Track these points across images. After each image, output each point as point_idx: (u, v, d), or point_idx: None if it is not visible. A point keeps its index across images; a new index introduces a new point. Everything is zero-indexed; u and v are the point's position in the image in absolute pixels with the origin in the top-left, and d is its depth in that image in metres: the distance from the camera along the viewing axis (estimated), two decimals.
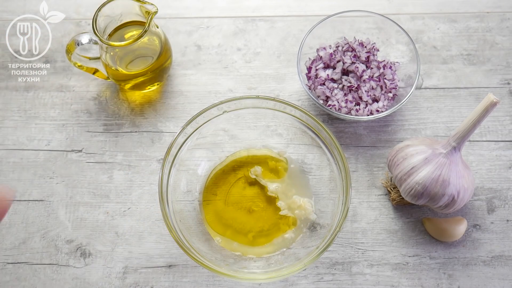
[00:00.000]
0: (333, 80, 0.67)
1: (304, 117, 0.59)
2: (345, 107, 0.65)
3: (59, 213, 0.64)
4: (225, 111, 0.60)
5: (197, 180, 0.64)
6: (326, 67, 0.68)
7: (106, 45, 0.63)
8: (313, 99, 0.64)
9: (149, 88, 0.70)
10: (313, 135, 0.60)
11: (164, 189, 0.56)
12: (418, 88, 0.70)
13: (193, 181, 0.64)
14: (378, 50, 0.69)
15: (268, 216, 0.62)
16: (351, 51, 0.68)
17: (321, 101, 0.66)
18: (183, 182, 0.62)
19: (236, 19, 0.77)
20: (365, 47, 0.68)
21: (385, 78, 0.67)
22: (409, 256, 0.60)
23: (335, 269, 0.60)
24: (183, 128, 0.58)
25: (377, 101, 0.66)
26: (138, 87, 0.69)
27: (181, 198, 0.62)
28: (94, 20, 0.62)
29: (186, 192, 0.62)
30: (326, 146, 0.59)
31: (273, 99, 0.59)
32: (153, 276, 0.60)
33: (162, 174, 0.56)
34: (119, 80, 0.68)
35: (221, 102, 0.59)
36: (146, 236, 0.62)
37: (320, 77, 0.66)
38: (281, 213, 0.61)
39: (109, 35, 0.67)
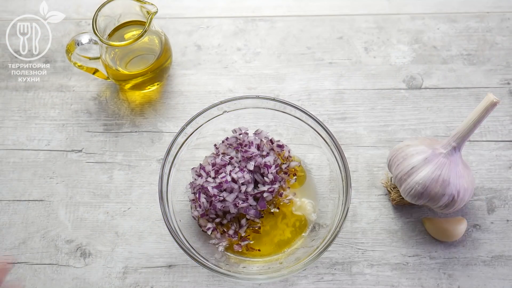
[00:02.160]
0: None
1: (304, 117, 0.59)
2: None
3: (59, 213, 0.64)
4: (225, 111, 0.60)
5: None
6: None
7: (106, 45, 0.63)
8: None
9: (149, 88, 0.70)
10: (314, 135, 0.60)
11: (164, 189, 0.56)
12: (418, 88, 0.70)
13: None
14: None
15: (267, 215, 0.61)
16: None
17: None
18: (183, 182, 0.62)
19: (236, 19, 0.77)
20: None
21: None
22: (409, 256, 0.60)
23: (335, 269, 0.60)
24: (183, 128, 0.58)
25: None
26: (138, 87, 0.69)
27: (181, 198, 0.62)
28: (94, 20, 0.62)
29: (186, 192, 0.62)
30: (327, 146, 0.59)
31: (273, 99, 0.59)
32: (153, 276, 0.60)
33: (162, 174, 0.56)
34: (119, 80, 0.68)
35: (221, 102, 0.59)
36: (146, 236, 0.62)
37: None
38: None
39: (109, 35, 0.67)
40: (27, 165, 0.67)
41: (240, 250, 0.58)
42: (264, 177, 0.59)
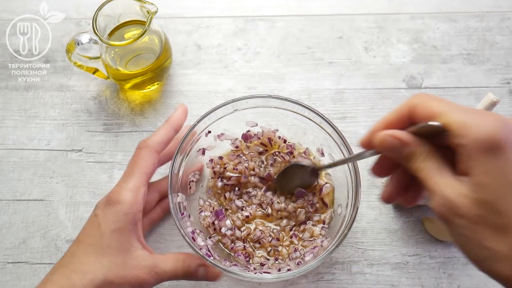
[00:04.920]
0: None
1: (312, 116, 0.59)
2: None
3: (59, 212, 0.64)
4: (236, 110, 0.60)
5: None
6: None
7: (106, 45, 0.63)
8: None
9: (149, 88, 0.70)
10: (318, 135, 0.60)
11: (174, 187, 0.56)
12: (418, 87, 0.71)
13: None
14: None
15: None
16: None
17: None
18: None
19: (236, 18, 0.77)
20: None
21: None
22: (409, 256, 0.60)
23: (335, 268, 0.60)
24: (194, 125, 0.58)
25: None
26: (138, 86, 0.69)
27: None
28: (94, 19, 0.62)
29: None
30: (337, 146, 0.58)
31: (285, 99, 0.59)
32: None
33: (172, 169, 0.56)
34: (119, 80, 0.68)
35: (233, 100, 0.59)
36: (146, 235, 0.62)
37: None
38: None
39: (109, 34, 0.67)
40: (27, 164, 0.67)
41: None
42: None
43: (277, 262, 0.57)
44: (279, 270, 0.55)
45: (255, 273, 0.54)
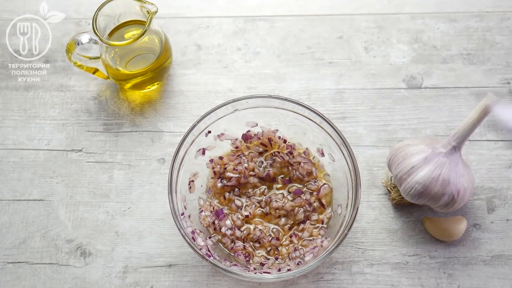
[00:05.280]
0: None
1: (313, 116, 0.59)
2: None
3: (59, 212, 0.64)
4: (236, 110, 0.60)
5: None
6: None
7: (106, 45, 0.63)
8: None
9: (149, 88, 0.70)
10: (318, 135, 0.60)
11: (174, 187, 0.56)
12: (418, 87, 0.71)
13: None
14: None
15: None
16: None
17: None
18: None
19: (236, 18, 0.77)
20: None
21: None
22: (409, 256, 0.60)
23: (335, 268, 0.60)
24: (194, 125, 0.58)
25: None
26: (138, 86, 0.69)
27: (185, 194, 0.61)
28: (94, 19, 0.62)
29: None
30: (336, 146, 0.58)
31: (285, 99, 0.59)
32: (153, 276, 0.60)
33: (172, 170, 0.55)
34: (119, 80, 0.68)
35: (234, 100, 0.59)
36: (146, 235, 0.62)
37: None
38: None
39: (109, 34, 0.67)
40: (27, 164, 0.67)
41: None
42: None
43: (277, 261, 0.57)
44: (279, 270, 0.55)
45: (255, 273, 0.54)
